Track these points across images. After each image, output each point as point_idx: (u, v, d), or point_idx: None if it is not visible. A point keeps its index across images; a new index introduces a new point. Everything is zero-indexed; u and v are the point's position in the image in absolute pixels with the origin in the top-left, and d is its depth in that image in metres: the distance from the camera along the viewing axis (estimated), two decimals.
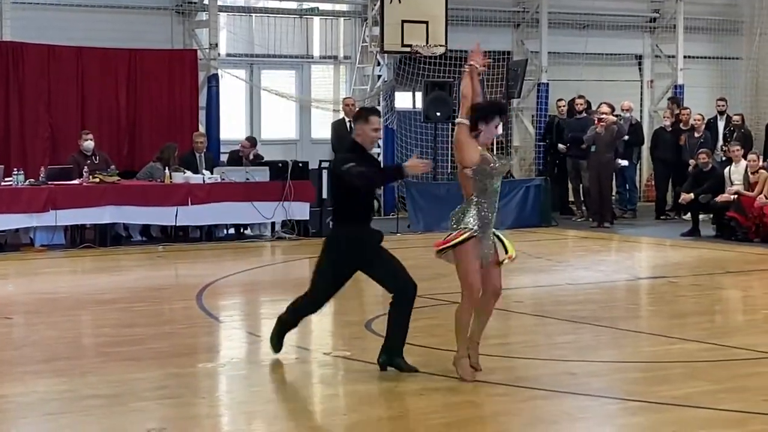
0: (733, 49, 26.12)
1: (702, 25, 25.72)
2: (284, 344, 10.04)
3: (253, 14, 22.22)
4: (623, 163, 21.39)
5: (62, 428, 7.34)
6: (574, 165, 21.61)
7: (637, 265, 16.48)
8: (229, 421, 7.66)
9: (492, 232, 8.49)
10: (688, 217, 19.66)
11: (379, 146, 21.15)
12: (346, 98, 20.73)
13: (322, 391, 8.61)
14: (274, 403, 8.03)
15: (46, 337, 10.36)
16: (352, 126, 19.24)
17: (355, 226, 8.69)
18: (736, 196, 18.24)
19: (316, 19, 22.79)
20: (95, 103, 19.61)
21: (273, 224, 18.32)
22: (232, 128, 21.45)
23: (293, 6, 22.61)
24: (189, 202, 17.38)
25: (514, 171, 23.30)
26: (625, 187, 22.35)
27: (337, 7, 23.07)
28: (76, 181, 17.13)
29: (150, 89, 20.07)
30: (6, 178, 16.92)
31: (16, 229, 16.98)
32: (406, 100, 23.35)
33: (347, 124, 19.67)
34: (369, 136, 8.70)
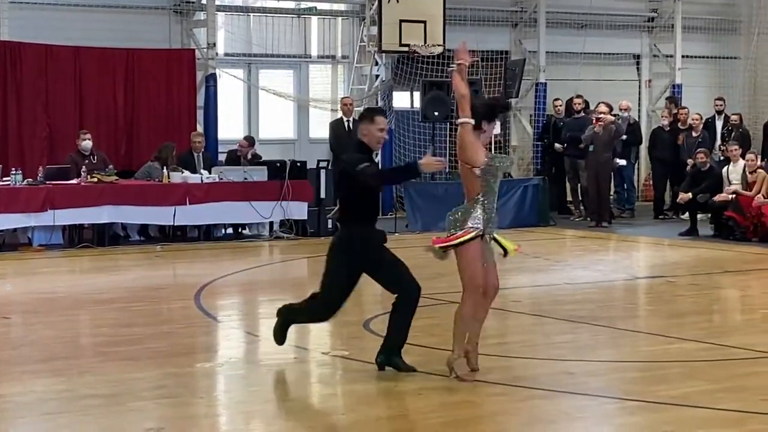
0: (731, 49, 26.13)
1: (700, 24, 25.74)
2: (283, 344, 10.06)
3: (251, 14, 22.21)
4: (621, 162, 21.39)
5: (60, 428, 7.33)
6: (572, 164, 21.60)
7: (635, 265, 16.47)
8: (227, 421, 7.66)
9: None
10: (686, 217, 19.67)
11: None
12: (344, 98, 20.72)
13: (321, 390, 8.61)
14: (273, 402, 8.03)
15: (44, 337, 10.36)
16: (351, 126, 19.64)
17: (365, 226, 8.66)
18: (734, 196, 18.25)
19: (314, 19, 22.79)
20: (93, 102, 19.60)
21: (271, 224, 18.32)
22: (230, 128, 21.43)
23: (291, 6, 22.61)
24: (187, 202, 17.38)
25: (513, 171, 23.29)
26: (623, 187, 22.34)
27: (335, 7, 23.07)
28: (74, 181, 17.13)
29: (148, 89, 20.06)
30: (4, 178, 16.92)
31: (14, 229, 16.98)
32: (404, 100, 23.35)
33: (345, 124, 19.68)
34: (375, 136, 8.68)
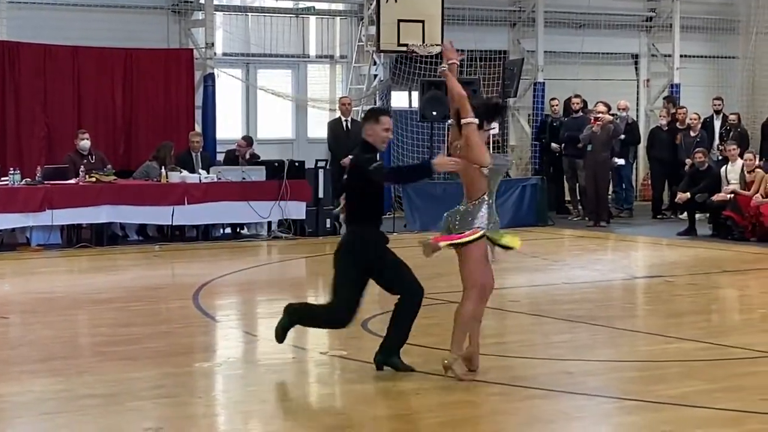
0: (730, 48, 26.13)
1: (698, 24, 25.75)
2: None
3: (250, 13, 22.21)
4: (620, 162, 21.39)
5: (58, 428, 7.33)
6: (571, 164, 21.60)
7: (634, 265, 16.47)
8: (225, 421, 7.65)
9: None
10: (685, 217, 19.67)
11: None
12: (343, 98, 20.72)
13: (319, 390, 8.61)
14: (271, 402, 8.03)
15: (42, 337, 10.35)
16: (349, 126, 19.62)
17: (371, 227, 8.62)
18: (732, 196, 18.26)
19: (313, 19, 22.79)
20: (91, 102, 19.60)
21: (269, 224, 18.32)
22: (229, 128, 21.44)
23: (289, 5, 22.62)
24: (185, 202, 17.38)
25: (511, 170, 23.29)
26: (622, 187, 22.33)
27: (334, 7, 23.07)
28: (73, 181, 17.13)
29: (146, 89, 20.06)
30: (2, 178, 16.93)
31: (13, 229, 16.98)
32: (402, 100, 23.36)
33: (343, 124, 19.67)
34: (380, 136, 8.67)
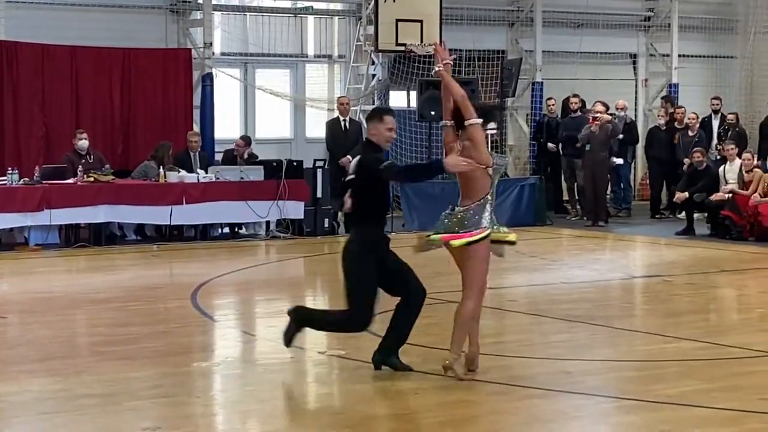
0: (728, 48, 26.14)
1: (696, 23, 25.75)
2: (278, 343, 10.04)
3: (248, 13, 22.21)
4: (618, 161, 21.39)
5: (57, 427, 7.33)
6: (569, 164, 21.60)
7: (632, 264, 16.48)
8: (223, 421, 7.65)
9: None
10: (683, 216, 19.67)
11: None
12: (341, 97, 20.71)
13: (317, 390, 8.61)
14: (269, 402, 8.02)
15: (40, 337, 10.35)
16: (347, 126, 19.60)
17: (376, 227, 8.58)
18: (730, 195, 18.26)
19: (311, 18, 22.78)
20: (89, 102, 19.59)
21: (267, 223, 18.31)
22: (227, 127, 21.43)
23: (287, 5, 22.62)
24: (183, 202, 17.37)
25: (509, 170, 23.30)
26: (620, 186, 22.33)
27: (332, 6, 23.07)
28: (71, 181, 17.12)
29: (144, 88, 20.05)
30: (0, 178, 16.91)
31: (11, 229, 16.96)
32: (400, 99, 23.36)
33: (342, 123, 19.66)
34: (384, 135, 8.68)
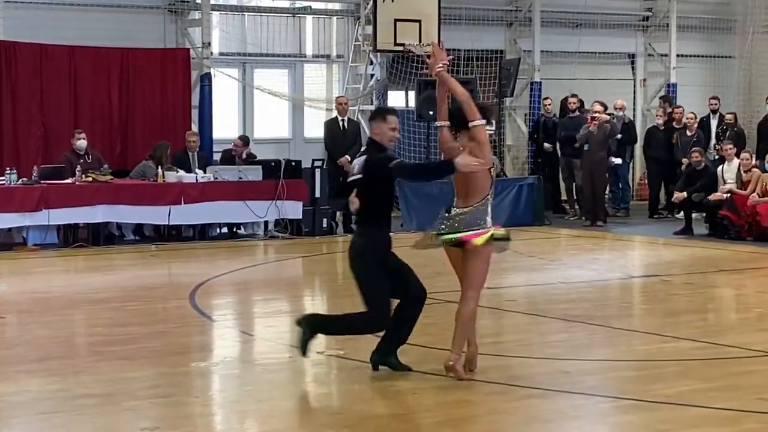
0: (726, 48, 26.14)
1: (695, 23, 25.76)
2: (277, 343, 10.07)
3: (246, 13, 22.21)
4: (616, 161, 21.39)
5: (55, 427, 7.33)
6: (567, 164, 21.60)
7: (630, 264, 16.47)
8: (221, 420, 7.65)
9: None
10: (681, 216, 19.66)
11: None
12: (339, 97, 20.69)
13: (315, 390, 8.60)
14: (267, 402, 8.01)
15: (39, 337, 10.34)
16: (345, 126, 19.58)
17: (382, 227, 8.59)
18: (728, 195, 18.26)
19: (309, 18, 22.78)
20: (88, 102, 19.58)
21: (266, 223, 18.30)
22: (225, 127, 21.43)
23: (286, 5, 22.61)
24: (182, 201, 17.36)
25: (507, 170, 23.30)
26: (618, 186, 22.33)
27: (330, 6, 23.07)
28: (69, 181, 17.11)
29: (143, 88, 20.05)
30: None
31: (9, 229, 16.94)
32: (399, 99, 23.35)
33: (340, 123, 19.65)
34: (387, 135, 8.67)
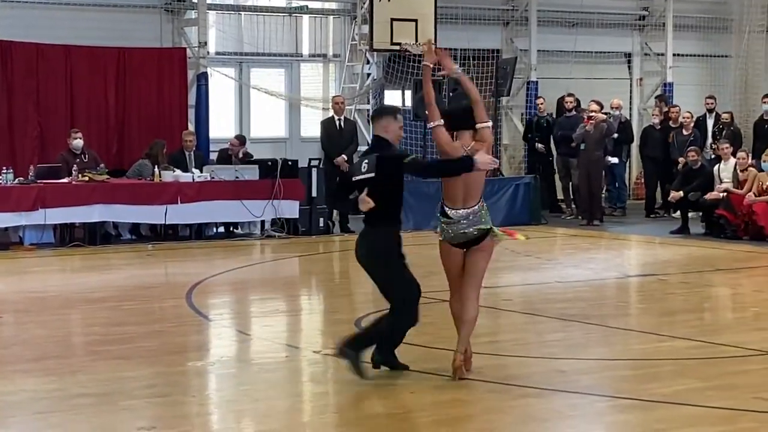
0: (723, 47, 26.15)
1: (691, 23, 25.76)
2: (273, 342, 10.07)
3: (243, 12, 22.20)
4: (613, 160, 21.39)
5: (52, 427, 7.33)
6: (564, 163, 21.60)
7: (627, 263, 16.48)
8: (218, 420, 7.65)
9: None
10: (678, 215, 19.68)
11: (368, 144, 21.14)
12: (336, 96, 20.68)
13: (312, 389, 8.60)
14: (264, 401, 8.02)
15: (35, 336, 10.34)
16: (342, 125, 19.56)
17: (397, 225, 8.54)
18: (725, 194, 18.26)
19: (306, 18, 22.78)
20: (84, 101, 19.56)
21: (263, 222, 18.30)
22: (222, 127, 21.41)
23: (282, 4, 22.61)
24: (178, 201, 17.35)
25: (504, 169, 23.30)
26: (615, 185, 22.33)
27: (327, 5, 23.07)
28: (66, 180, 17.10)
29: (139, 88, 20.03)
30: None
31: (5, 228, 16.94)
32: (395, 99, 23.30)
33: (336, 123, 19.65)
34: (397, 133, 8.64)
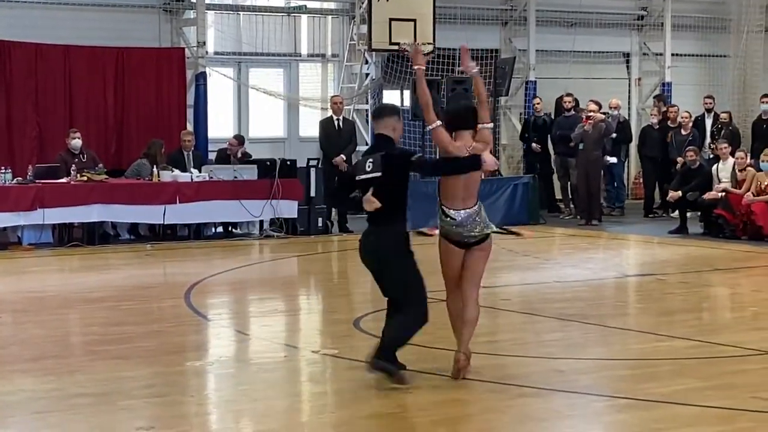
0: (721, 47, 26.15)
1: (690, 22, 25.78)
2: (272, 342, 10.07)
3: (241, 12, 22.20)
4: (612, 160, 21.39)
5: (50, 427, 7.33)
6: (563, 163, 21.60)
7: (625, 263, 16.47)
8: (217, 420, 7.65)
9: None
10: (676, 215, 19.68)
11: (367, 144, 21.16)
12: (334, 96, 20.69)
13: (310, 389, 8.60)
14: (262, 401, 8.02)
15: (34, 336, 10.34)
16: (340, 125, 19.55)
17: (405, 223, 8.53)
18: (723, 194, 18.26)
19: (304, 17, 22.78)
20: (83, 101, 19.56)
21: (261, 222, 18.29)
22: (220, 126, 21.41)
23: (281, 4, 22.61)
24: (177, 201, 17.35)
25: (502, 169, 23.30)
26: (613, 185, 22.33)
27: (325, 5, 23.07)
28: (64, 180, 17.10)
29: (138, 88, 20.03)
30: None
31: (4, 228, 16.93)
32: (394, 99, 23.30)
33: (335, 123, 19.64)
34: (400, 133, 8.69)
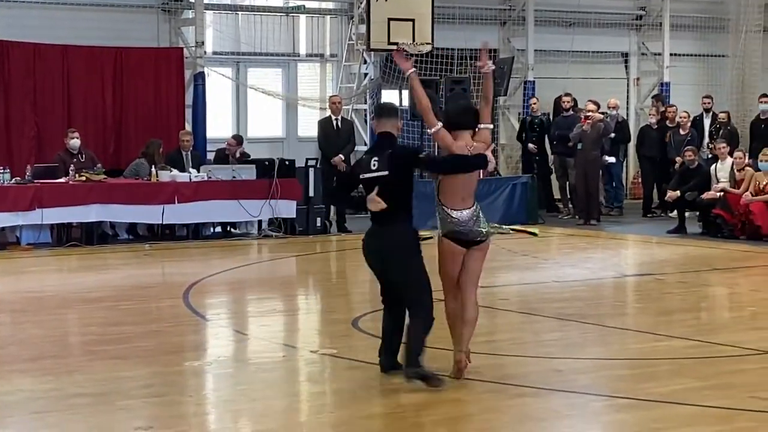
0: (719, 47, 26.17)
1: (688, 22, 25.78)
2: (271, 342, 10.07)
3: (240, 12, 22.20)
4: (610, 160, 21.40)
5: (49, 427, 7.33)
6: (561, 162, 21.60)
7: (624, 263, 16.47)
8: (215, 420, 7.65)
9: None
10: (675, 215, 19.69)
11: (365, 143, 21.17)
12: (333, 96, 20.69)
13: (309, 388, 8.60)
14: (261, 401, 8.02)
15: (32, 336, 10.34)
16: (339, 125, 19.56)
17: (412, 221, 8.53)
18: (722, 194, 18.27)
19: (303, 17, 22.78)
20: (81, 101, 19.57)
21: (260, 222, 18.29)
22: (219, 126, 21.41)
23: (279, 4, 22.61)
24: (176, 201, 17.35)
25: (501, 168, 23.31)
26: (612, 185, 22.33)
27: (324, 5, 23.07)
28: (63, 180, 17.10)
29: (136, 87, 20.03)
30: None
31: (2, 228, 16.92)
32: (392, 98, 23.27)
33: (334, 122, 19.64)
34: (399, 131, 8.68)
